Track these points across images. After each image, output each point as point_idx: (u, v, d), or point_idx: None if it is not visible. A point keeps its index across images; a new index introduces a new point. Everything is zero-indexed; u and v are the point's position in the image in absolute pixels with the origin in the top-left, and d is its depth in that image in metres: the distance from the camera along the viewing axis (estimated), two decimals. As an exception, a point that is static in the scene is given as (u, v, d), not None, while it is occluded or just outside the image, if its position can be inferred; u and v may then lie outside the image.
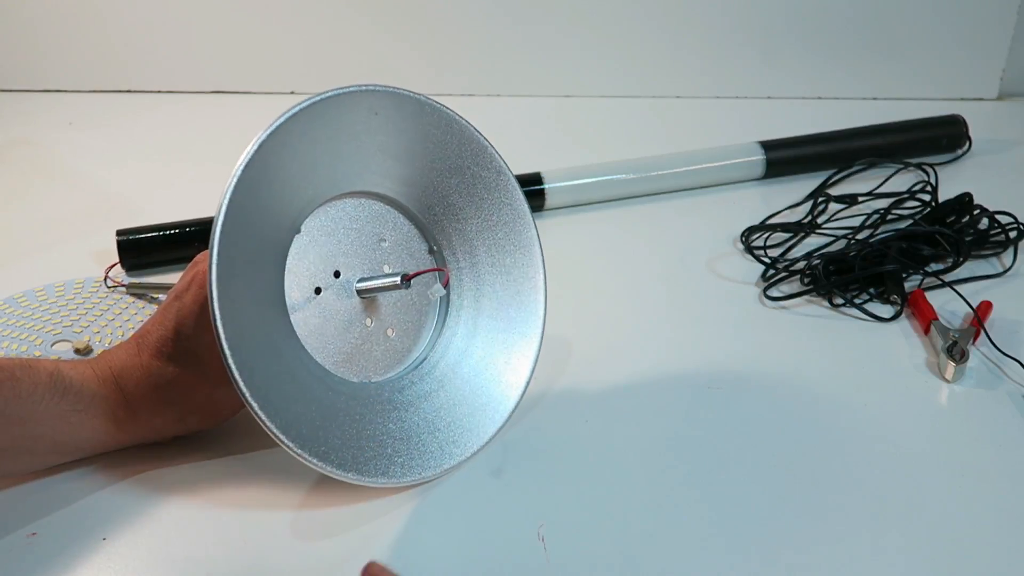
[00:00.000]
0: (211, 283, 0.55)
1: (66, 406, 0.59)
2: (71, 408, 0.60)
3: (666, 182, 1.00)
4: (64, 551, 0.58)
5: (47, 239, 0.95)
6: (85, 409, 0.60)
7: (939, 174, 0.97)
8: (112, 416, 0.62)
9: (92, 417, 0.61)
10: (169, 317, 0.62)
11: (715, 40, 1.20)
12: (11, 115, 1.21)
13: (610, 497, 0.62)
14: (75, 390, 0.60)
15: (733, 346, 0.77)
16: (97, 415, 0.61)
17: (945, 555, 0.58)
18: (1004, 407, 0.69)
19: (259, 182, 0.58)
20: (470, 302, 0.68)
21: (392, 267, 0.67)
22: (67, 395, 0.59)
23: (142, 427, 0.63)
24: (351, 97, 0.61)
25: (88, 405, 0.61)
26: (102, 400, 0.61)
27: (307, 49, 1.24)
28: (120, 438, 0.63)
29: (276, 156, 0.59)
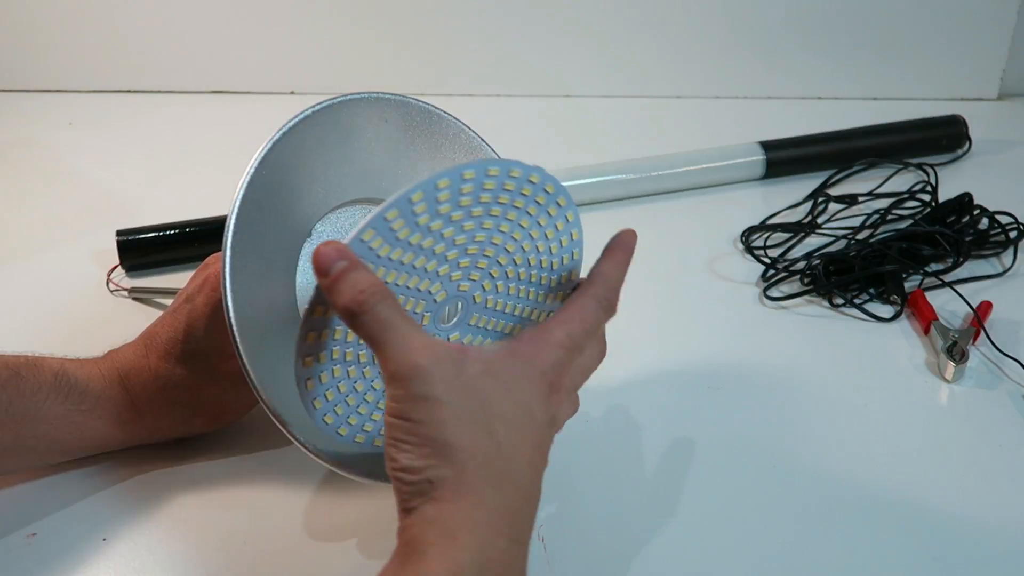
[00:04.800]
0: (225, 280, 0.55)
1: (71, 405, 0.60)
2: (75, 407, 0.60)
3: (666, 182, 1.00)
4: (64, 551, 0.58)
5: (47, 239, 0.95)
6: (90, 409, 0.60)
7: (939, 174, 0.97)
8: (117, 416, 0.62)
9: (97, 417, 0.61)
10: (179, 319, 0.62)
11: (715, 40, 1.20)
12: (11, 115, 1.21)
13: (610, 497, 0.62)
14: (80, 389, 0.60)
15: (733, 346, 0.77)
16: (102, 415, 0.61)
17: (945, 555, 0.58)
18: (1004, 407, 0.69)
19: (271, 183, 0.58)
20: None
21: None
22: (72, 394, 0.60)
23: (147, 428, 0.63)
24: (362, 104, 0.61)
25: (93, 405, 0.61)
26: (108, 400, 0.61)
27: (307, 49, 1.24)
28: (125, 438, 0.63)
29: (288, 158, 0.59)
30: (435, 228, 0.51)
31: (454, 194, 0.50)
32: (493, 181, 0.50)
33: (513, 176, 0.51)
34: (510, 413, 0.47)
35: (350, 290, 0.47)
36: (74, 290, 0.85)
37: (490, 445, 0.46)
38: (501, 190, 0.51)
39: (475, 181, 0.50)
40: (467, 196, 0.50)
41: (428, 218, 0.50)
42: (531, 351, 0.49)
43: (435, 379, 0.45)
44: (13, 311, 0.84)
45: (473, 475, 0.45)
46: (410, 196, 0.49)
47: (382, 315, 0.46)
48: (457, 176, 0.49)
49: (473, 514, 0.44)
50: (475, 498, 0.45)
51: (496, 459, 0.46)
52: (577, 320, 0.51)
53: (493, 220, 0.53)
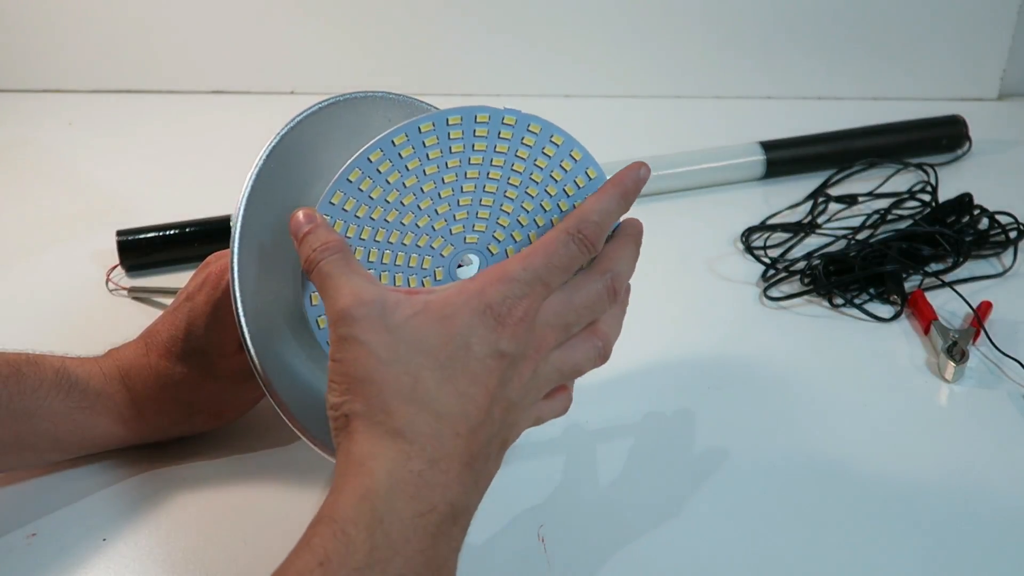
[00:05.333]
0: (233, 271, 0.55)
1: (71, 403, 0.60)
2: (76, 405, 0.60)
3: (666, 182, 1.00)
4: (64, 551, 0.58)
5: (47, 239, 0.95)
6: (90, 407, 0.60)
7: (939, 174, 0.97)
8: (118, 415, 0.62)
9: (97, 415, 0.61)
10: (180, 317, 0.63)
11: (715, 40, 1.20)
12: (11, 115, 1.21)
13: (610, 497, 0.62)
14: (81, 387, 0.60)
15: (733, 346, 0.77)
16: (102, 413, 0.61)
17: (945, 555, 0.58)
18: (1004, 407, 0.69)
19: (278, 176, 0.58)
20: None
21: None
22: (72, 392, 0.60)
23: (148, 426, 0.63)
24: (367, 102, 0.62)
25: (93, 403, 0.61)
26: (108, 398, 0.61)
27: (307, 49, 1.24)
28: (125, 437, 0.63)
29: (295, 152, 0.59)
30: (409, 184, 0.53)
31: (417, 148, 0.52)
32: (458, 129, 0.52)
33: (481, 121, 0.53)
34: (437, 347, 0.48)
35: (307, 250, 0.51)
36: (74, 290, 0.85)
37: (406, 378, 0.47)
38: (473, 137, 0.53)
39: (462, 126, 0.52)
40: (433, 148, 0.53)
41: (398, 175, 0.52)
42: (477, 286, 0.49)
43: (356, 320, 0.48)
44: (13, 311, 0.84)
45: (383, 406, 0.47)
46: (369, 155, 0.52)
47: (324, 269, 0.50)
48: (414, 129, 0.52)
49: (382, 442, 0.47)
50: (383, 428, 0.47)
51: (412, 391, 0.47)
52: (540, 254, 0.50)
53: (477, 168, 0.53)
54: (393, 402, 0.47)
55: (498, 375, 0.49)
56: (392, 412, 0.47)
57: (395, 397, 0.47)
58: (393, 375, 0.47)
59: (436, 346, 0.48)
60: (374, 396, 0.47)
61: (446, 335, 0.48)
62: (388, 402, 0.47)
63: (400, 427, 0.47)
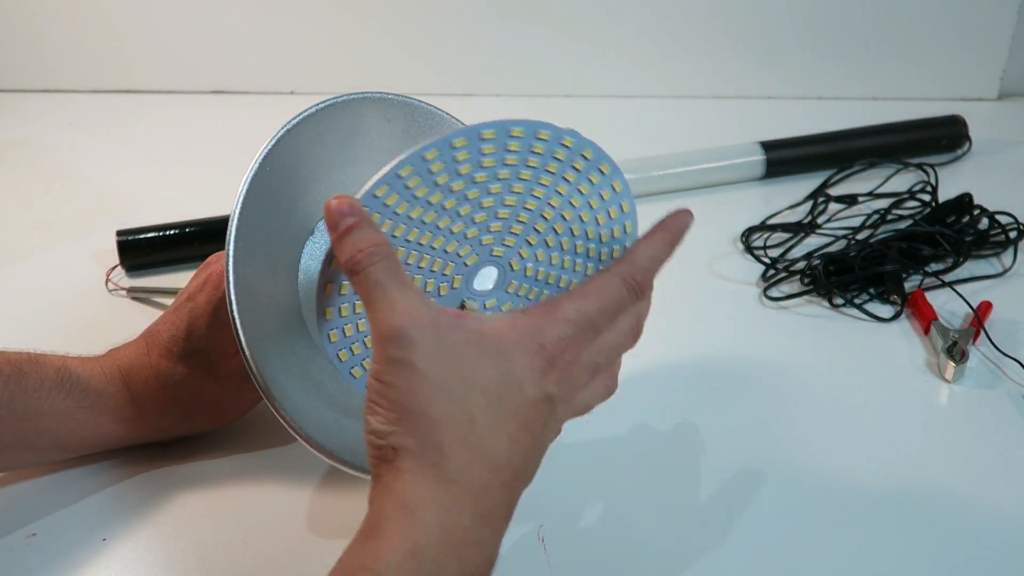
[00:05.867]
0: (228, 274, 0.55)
1: (72, 403, 0.60)
2: (77, 405, 0.60)
3: (666, 182, 1.00)
4: (64, 551, 0.58)
5: (47, 239, 0.95)
6: (91, 406, 0.60)
7: (939, 174, 0.97)
8: (119, 415, 0.62)
9: (98, 415, 0.61)
10: (181, 317, 0.63)
11: (715, 40, 1.20)
12: (11, 115, 1.21)
13: (610, 497, 0.62)
14: (82, 387, 0.60)
15: (733, 346, 0.77)
16: (103, 413, 0.61)
17: (945, 555, 0.58)
18: (1004, 407, 0.69)
19: (275, 179, 0.58)
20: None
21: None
22: (73, 392, 0.60)
23: (148, 426, 0.63)
24: (366, 103, 0.62)
25: (94, 403, 0.61)
26: (109, 398, 0.61)
27: (307, 49, 1.24)
28: (126, 437, 0.63)
29: (292, 154, 0.59)
30: (456, 188, 0.50)
31: (473, 154, 0.49)
32: (518, 142, 0.50)
33: (541, 138, 0.50)
34: (494, 385, 0.45)
35: (351, 247, 0.47)
36: (74, 290, 0.85)
37: (462, 417, 0.44)
38: (529, 152, 0.50)
39: (496, 141, 0.49)
40: (489, 156, 0.50)
41: (447, 177, 0.50)
42: (533, 323, 0.47)
43: (413, 344, 0.44)
44: (13, 311, 0.84)
45: (437, 447, 0.44)
46: (424, 153, 0.48)
47: (373, 275, 0.46)
48: (475, 135, 0.49)
49: (434, 489, 0.43)
50: (437, 471, 0.44)
51: (468, 433, 0.44)
52: (593, 296, 0.49)
53: (524, 184, 0.52)
54: (448, 443, 0.44)
55: (543, 420, 0.47)
56: (447, 455, 0.44)
57: (450, 437, 0.44)
58: (449, 412, 0.44)
59: (490, 382, 0.45)
60: (428, 433, 0.44)
61: (501, 372, 0.46)
62: (443, 442, 0.44)
63: (454, 474, 0.44)
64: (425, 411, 0.44)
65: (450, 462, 0.44)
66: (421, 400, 0.44)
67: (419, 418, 0.44)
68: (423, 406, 0.44)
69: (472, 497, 0.44)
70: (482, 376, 0.45)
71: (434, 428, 0.44)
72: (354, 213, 0.47)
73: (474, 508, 0.44)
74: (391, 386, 0.44)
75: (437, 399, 0.44)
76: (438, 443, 0.44)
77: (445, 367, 0.45)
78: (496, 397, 0.45)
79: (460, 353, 0.45)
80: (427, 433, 0.44)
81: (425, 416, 0.44)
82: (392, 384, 0.44)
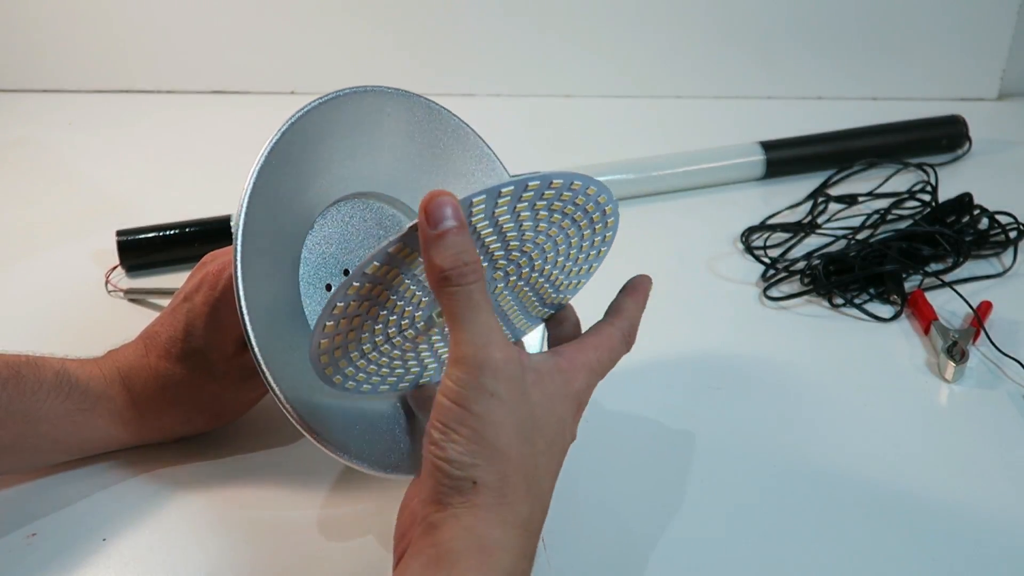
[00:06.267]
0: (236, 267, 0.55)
1: (71, 405, 0.60)
2: (76, 407, 0.60)
3: (666, 182, 1.00)
4: (64, 551, 0.58)
5: (47, 239, 0.95)
6: (91, 408, 0.60)
7: (939, 174, 0.97)
8: (118, 416, 0.62)
9: (97, 416, 0.61)
10: (178, 318, 0.62)
11: (715, 40, 1.20)
12: (11, 115, 1.21)
13: (610, 497, 0.62)
14: (81, 389, 0.60)
15: (733, 346, 0.77)
16: (103, 415, 0.61)
17: (945, 555, 0.58)
18: (1004, 407, 0.69)
19: (278, 173, 0.58)
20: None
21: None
22: (72, 394, 0.60)
23: (148, 427, 0.63)
24: (365, 97, 0.62)
25: (94, 404, 0.61)
26: (108, 400, 0.61)
27: (307, 49, 1.24)
28: (125, 438, 0.63)
29: (295, 149, 0.59)
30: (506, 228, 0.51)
31: (513, 199, 0.50)
32: (553, 192, 0.50)
33: (573, 188, 0.51)
34: (550, 429, 0.47)
35: (454, 256, 0.44)
36: (74, 290, 0.85)
37: (531, 459, 0.45)
38: (557, 199, 0.51)
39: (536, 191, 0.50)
40: (524, 203, 0.50)
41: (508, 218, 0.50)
42: (571, 369, 0.49)
43: (506, 378, 0.44)
44: (13, 311, 0.84)
45: (513, 488, 0.44)
46: (501, 189, 0.48)
47: (475, 295, 0.45)
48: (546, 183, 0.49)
49: (508, 532, 0.44)
50: (512, 513, 0.44)
51: (533, 475, 0.45)
52: (606, 348, 0.52)
53: (532, 230, 0.53)
54: (522, 488, 0.44)
55: (562, 462, 0.50)
56: (520, 499, 0.44)
57: (523, 481, 0.44)
58: (524, 455, 0.45)
59: (548, 426, 0.47)
60: (508, 474, 0.44)
61: (557, 416, 0.47)
62: (518, 486, 0.44)
63: (525, 518, 0.45)
64: (507, 451, 0.44)
65: (522, 507, 0.44)
66: (505, 439, 0.44)
67: (502, 457, 0.44)
68: (507, 446, 0.44)
69: (530, 543, 0.45)
70: (543, 418, 0.46)
71: (513, 470, 0.44)
72: (459, 217, 0.45)
73: (530, 552, 0.45)
74: (479, 417, 0.44)
75: (517, 440, 0.44)
76: (515, 485, 0.44)
77: (523, 407, 0.45)
78: (551, 439, 0.47)
79: (531, 393, 0.46)
80: (507, 474, 0.44)
81: (507, 456, 0.44)
82: (480, 416, 0.44)
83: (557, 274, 0.57)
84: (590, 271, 0.59)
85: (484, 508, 0.44)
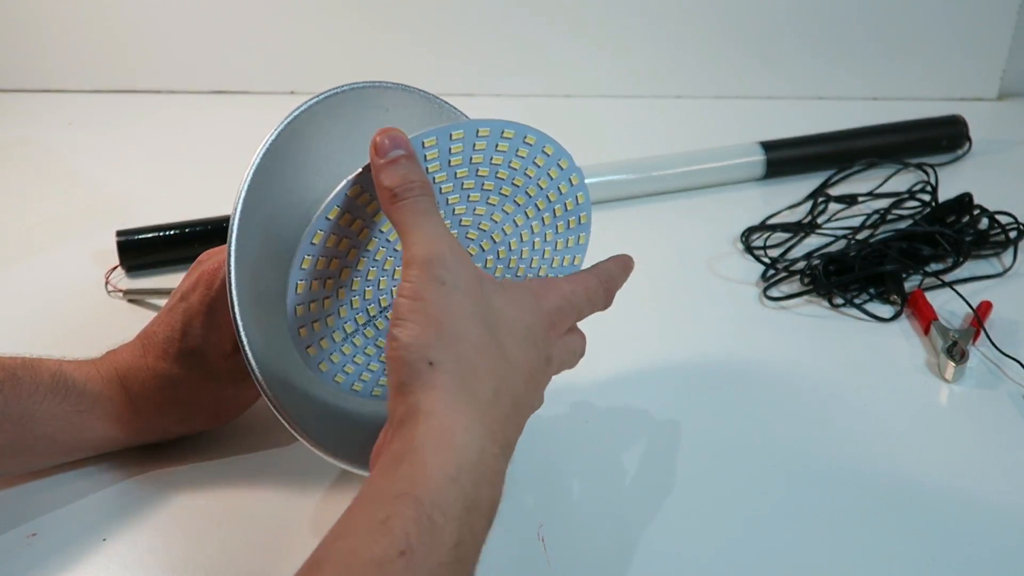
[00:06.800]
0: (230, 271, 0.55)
1: (68, 406, 0.59)
2: (73, 408, 0.60)
3: (666, 182, 1.00)
4: (64, 551, 0.58)
5: (47, 239, 0.95)
6: (88, 410, 0.60)
7: (939, 174, 0.97)
8: (116, 417, 0.62)
9: (95, 418, 0.61)
10: (175, 318, 0.62)
11: (715, 40, 1.20)
12: (11, 115, 1.21)
13: (610, 497, 0.62)
14: (78, 390, 0.60)
15: (733, 346, 0.77)
16: (100, 416, 0.61)
17: (945, 555, 0.58)
18: (1004, 407, 0.69)
19: (275, 172, 0.58)
20: None
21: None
22: (69, 395, 0.59)
23: (146, 427, 0.63)
24: (364, 92, 0.62)
25: (91, 406, 0.60)
26: (106, 401, 0.61)
27: (307, 49, 1.24)
28: (123, 438, 0.63)
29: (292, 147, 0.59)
30: (460, 175, 0.54)
31: (467, 148, 0.53)
32: (507, 143, 0.54)
33: (527, 142, 0.55)
34: (517, 328, 0.47)
35: (402, 175, 0.48)
36: (74, 290, 0.85)
37: (494, 347, 0.45)
38: (513, 155, 0.55)
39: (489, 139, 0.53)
40: (499, 154, 0.54)
41: (460, 160, 0.53)
42: (540, 289, 0.51)
43: (457, 269, 0.46)
44: (13, 311, 0.84)
45: (473, 370, 0.44)
46: (452, 132, 0.51)
47: (422, 204, 0.48)
48: (498, 131, 0.53)
49: (471, 414, 0.43)
50: (474, 396, 0.44)
51: (498, 363, 0.45)
52: (581, 286, 0.53)
53: (495, 182, 0.55)
54: (482, 368, 0.44)
55: (542, 377, 0.51)
56: (481, 379, 0.44)
57: (484, 363, 0.44)
58: (484, 342, 0.45)
59: (516, 323, 0.48)
60: (465, 355, 0.44)
61: (522, 320, 0.48)
62: (478, 367, 0.44)
63: (489, 400, 0.44)
64: (463, 333, 0.44)
65: (484, 387, 0.44)
66: (460, 322, 0.44)
67: (458, 338, 0.44)
68: (462, 328, 0.44)
69: (500, 427, 0.45)
70: (507, 316, 0.47)
71: (470, 351, 0.44)
72: (408, 148, 0.49)
73: (503, 438, 0.45)
74: (431, 302, 0.45)
75: (473, 325, 0.45)
76: (474, 367, 0.44)
77: (480, 301, 0.46)
78: (518, 338, 0.47)
79: (490, 293, 0.47)
80: (465, 355, 0.44)
81: (463, 337, 0.44)
82: (432, 301, 0.45)
83: (527, 251, 0.59)
84: (568, 246, 0.60)
85: (443, 389, 0.43)
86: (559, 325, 0.52)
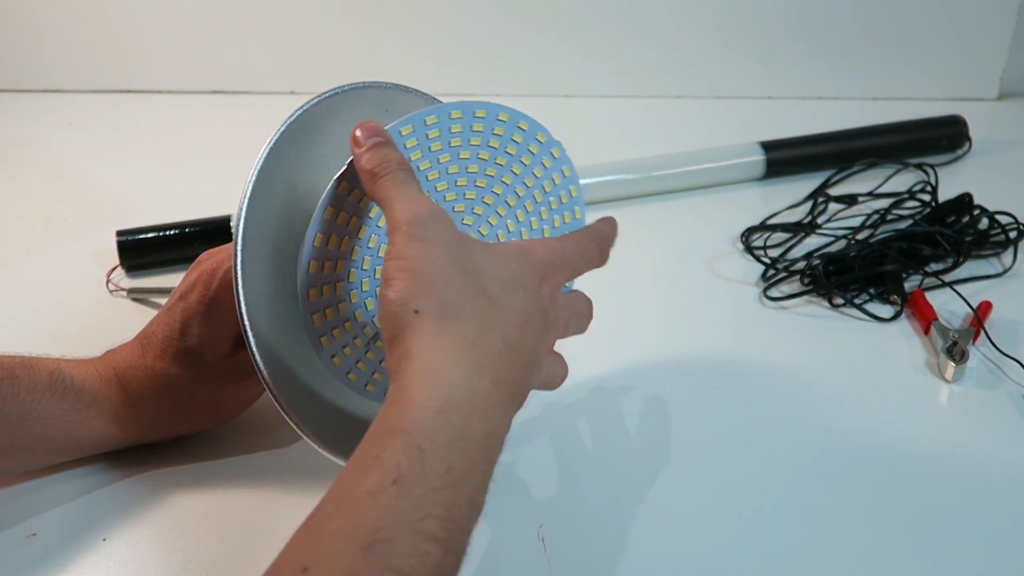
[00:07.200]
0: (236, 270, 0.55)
1: (67, 406, 0.59)
2: (72, 408, 0.60)
3: (666, 182, 1.00)
4: (64, 551, 0.58)
5: (47, 239, 0.95)
6: (86, 409, 0.60)
7: (939, 174, 0.97)
8: (115, 416, 0.62)
9: (94, 417, 0.61)
10: (174, 317, 0.62)
11: (715, 40, 1.20)
12: (11, 115, 1.21)
13: (610, 497, 0.62)
14: (76, 390, 0.60)
15: (733, 346, 0.77)
16: (99, 415, 0.61)
17: (945, 555, 0.58)
18: (1004, 407, 0.69)
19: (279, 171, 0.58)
20: None
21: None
22: (68, 395, 0.59)
23: (145, 427, 0.63)
24: (363, 93, 0.62)
25: (90, 405, 0.60)
26: (104, 400, 0.61)
27: (307, 49, 1.24)
28: (122, 438, 0.63)
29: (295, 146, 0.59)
30: (443, 160, 0.55)
31: (444, 132, 0.55)
32: (481, 123, 0.56)
33: (501, 120, 0.56)
34: (502, 275, 0.49)
35: (380, 156, 0.51)
36: (74, 290, 0.85)
37: (479, 293, 0.47)
38: (491, 134, 0.56)
39: (463, 121, 0.55)
40: (476, 135, 0.56)
41: (440, 145, 0.55)
42: (528, 244, 0.52)
43: (434, 227, 0.48)
44: (13, 311, 0.84)
45: (456, 312, 0.46)
46: (425, 118, 0.54)
47: (399, 177, 0.50)
48: (470, 112, 0.55)
49: (456, 350, 0.45)
50: (458, 335, 0.46)
51: (485, 307, 0.47)
52: (572, 242, 0.54)
53: (485, 163, 0.57)
54: (467, 311, 0.46)
55: (540, 328, 0.51)
56: (466, 320, 0.46)
57: (469, 307, 0.46)
58: (467, 287, 0.47)
59: (501, 274, 0.49)
60: (448, 300, 0.46)
61: (510, 272, 0.49)
62: (462, 309, 0.46)
63: (474, 337, 0.46)
64: (447, 281, 0.46)
65: (470, 327, 0.46)
66: (441, 272, 0.46)
67: (441, 285, 0.46)
68: (444, 277, 0.46)
69: (490, 361, 0.46)
70: (491, 269, 0.49)
71: (454, 296, 0.46)
72: (385, 136, 0.52)
73: (493, 372, 0.46)
74: (414, 257, 0.47)
75: (456, 275, 0.47)
76: (457, 309, 0.46)
77: (461, 252, 0.48)
78: (505, 285, 0.49)
79: (473, 250, 0.49)
80: (447, 300, 0.46)
81: (446, 283, 0.46)
82: (414, 256, 0.47)
83: (527, 233, 0.60)
84: (565, 222, 0.61)
85: (429, 332, 0.45)
86: (551, 278, 0.52)
